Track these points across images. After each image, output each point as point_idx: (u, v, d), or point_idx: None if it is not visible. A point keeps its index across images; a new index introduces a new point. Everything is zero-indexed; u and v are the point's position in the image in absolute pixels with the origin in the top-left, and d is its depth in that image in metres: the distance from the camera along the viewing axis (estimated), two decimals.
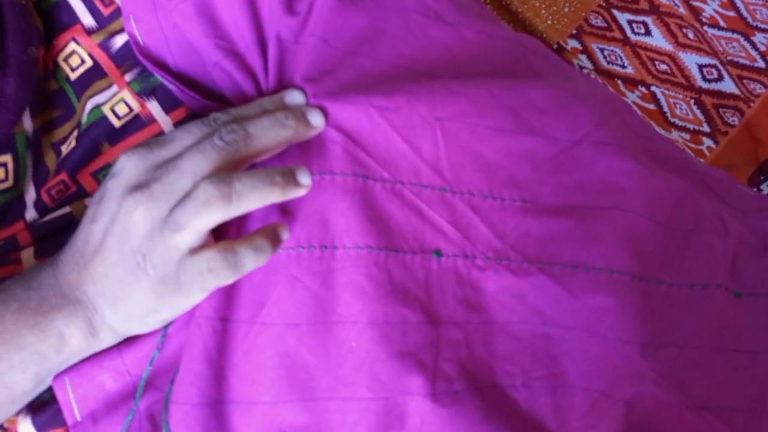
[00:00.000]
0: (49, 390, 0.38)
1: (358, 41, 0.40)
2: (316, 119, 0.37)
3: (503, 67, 0.44)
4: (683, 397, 0.40)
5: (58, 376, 0.37)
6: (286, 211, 0.37)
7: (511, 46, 0.46)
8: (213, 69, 0.40)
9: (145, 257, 0.32)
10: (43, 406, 0.37)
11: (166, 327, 0.37)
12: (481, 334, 0.39)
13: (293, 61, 0.39)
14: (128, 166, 0.33)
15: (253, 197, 0.33)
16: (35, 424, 0.37)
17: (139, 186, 0.32)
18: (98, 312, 0.35)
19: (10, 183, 0.40)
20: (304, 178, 0.35)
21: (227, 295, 0.36)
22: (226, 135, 0.33)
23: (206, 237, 0.33)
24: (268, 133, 0.35)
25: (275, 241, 0.34)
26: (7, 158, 0.40)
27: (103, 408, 0.37)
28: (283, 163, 0.38)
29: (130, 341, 0.37)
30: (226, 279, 0.33)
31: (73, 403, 0.36)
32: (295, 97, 0.37)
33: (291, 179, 0.34)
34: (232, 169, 0.34)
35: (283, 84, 0.39)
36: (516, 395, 0.39)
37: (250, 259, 0.33)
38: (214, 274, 0.33)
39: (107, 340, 0.36)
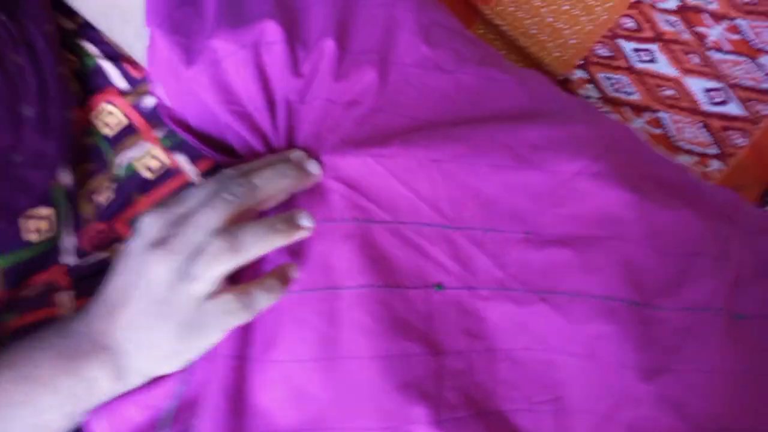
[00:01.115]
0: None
1: (359, 98, 0.43)
2: (313, 168, 0.41)
3: (501, 109, 0.46)
4: (684, 420, 0.41)
5: (93, 411, 0.40)
6: (295, 254, 0.40)
7: (510, 86, 0.48)
8: (226, 130, 0.43)
9: (169, 306, 0.36)
10: None
11: (189, 366, 0.41)
12: (484, 361, 0.41)
13: (299, 119, 0.42)
14: (150, 224, 0.37)
15: (258, 245, 0.37)
16: None
17: (159, 242, 0.37)
18: (127, 357, 0.38)
19: (51, 234, 0.44)
20: (305, 221, 0.39)
21: (243, 336, 0.40)
22: (234, 189, 0.38)
23: (222, 282, 0.37)
24: (272, 183, 0.39)
25: (284, 281, 0.39)
26: (50, 212, 0.44)
27: None
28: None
29: (156, 378, 0.41)
30: (242, 319, 0.37)
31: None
32: (297, 154, 0.41)
33: (292, 224, 0.38)
34: (241, 218, 0.38)
35: (291, 140, 0.43)
36: (519, 420, 0.41)
37: (263, 299, 0.37)
38: (231, 315, 0.37)
39: (134, 381, 0.40)
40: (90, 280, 0.44)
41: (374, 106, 0.43)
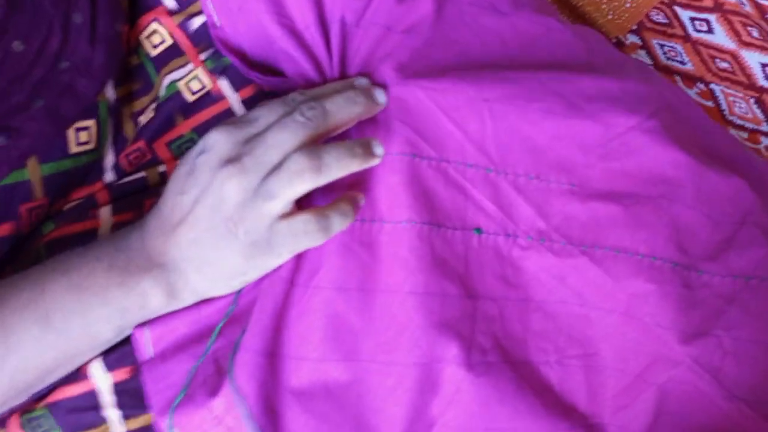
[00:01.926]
0: None
1: (414, 27, 0.42)
2: (381, 97, 0.40)
3: (556, 59, 0.45)
4: (719, 386, 0.40)
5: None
6: (335, 188, 0.40)
7: (566, 37, 0.47)
8: (278, 53, 0.42)
9: (237, 224, 0.36)
10: (112, 346, 0.41)
11: (240, 289, 0.40)
12: (518, 310, 0.41)
13: (353, 43, 0.41)
14: (220, 141, 0.36)
15: (339, 167, 0.36)
16: (105, 363, 0.40)
17: (231, 159, 0.36)
18: (182, 275, 0.38)
19: (92, 145, 0.44)
20: (378, 149, 0.38)
21: (296, 260, 0.40)
22: (307, 112, 0.36)
23: (293, 204, 0.36)
24: (343, 110, 0.38)
25: (356, 207, 0.38)
26: (91, 123, 0.43)
27: (173, 349, 0.40)
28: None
29: (204, 299, 0.41)
30: (318, 241, 0.37)
31: (147, 344, 0.40)
32: (362, 81, 0.40)
33: (368, 150, 0.38)
34: (312, 142, 0.37)
35: (344, 63, 0.42)
36: (549, 371, 0.40)
37: (338, 223, 0.37)
38: (309, 236, 0.36)
39: (187, 300, 0.39)
40: (128, 198, 0.44)
41: (428, 38, 0.42)
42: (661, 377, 0.40)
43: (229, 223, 0.36)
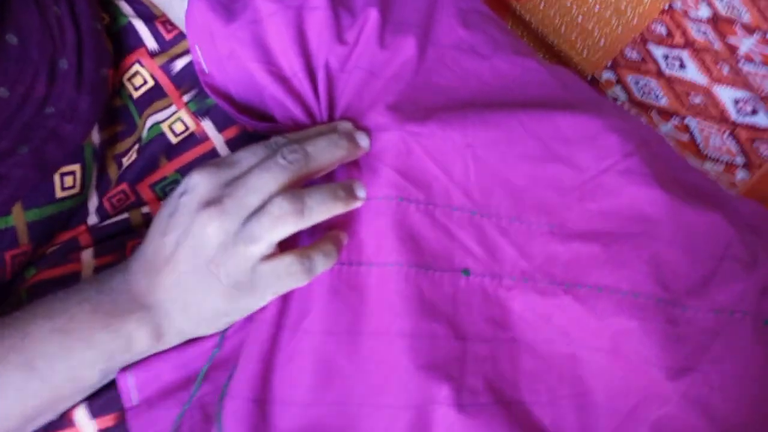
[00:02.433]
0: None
1: (398, 70, 0.42)
2: (364, 141, 0.40)
3: (534, 98, 0.46)
4: (710, 421, 0.40)
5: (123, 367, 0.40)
6: (332, 228, 0.40)
7: (544, 77, 0.48)
8: (266, 97, 0.43)
9: (219, 266, 0.35)
10: (97, 392, 0.40)
11: (225, 329, 0.40)
12: (508, 351, 0.40)
13: (338, 89, 0.42)
14: (201, 183, 0.36)
15: (322, 211, 0.36)
16: (90, 410, 0.39)
17: (211, 201, 0.35)
18: (167, 317, 0.37)
19: (77, 190, 0.43)
20: (361, 192, 0.38)
21: (283, 302, 0.39)
22: (289, 155, 0.36)
23: (275, 246, 0.36)
24: (325, 153, 0.38)
25: (339, 247, 0.38)
26: (76, 167, 0.43)
27: (158, 395, 0.39)
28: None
29: (190, 340, 0.40)
30: (302, 281, 0.37)
31: (132, 390, 0.39)
32: (346, 125, 0.41)
33: (351, 193, 0.38)
34: (294, 185, 0.37)
35: (332, 107, 0.42)
36: (541, 412, 0.40)
37: (321, 263, 0.37)
38: (292, 277, 0.36)
39: (173, 341, 0.39)
40: (111, 240, 0.43)
41: (412, 82, 0.42)
42: (652, 414, 0.40)
43: (210, 265, 0.35)
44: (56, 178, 0.42)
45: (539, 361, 0.41)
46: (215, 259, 0.35)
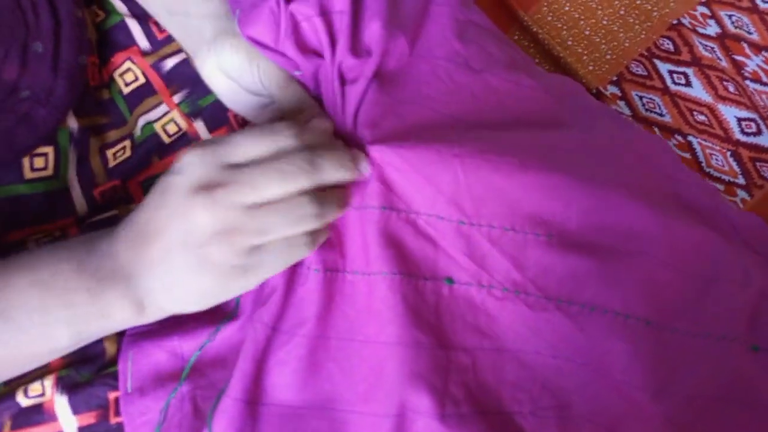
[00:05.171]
0: (87, 372, 0.41)
1: (388, 84, 0.42)
2: (365, 169, 0.39)
3: (527, 114, 0.45)
4: None
5: (125, 349, 0.40)
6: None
7: (538, 94, 0.47)
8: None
9: (209, 253, 0.34)
10: (77, 387, 0.40)
11: (221, 322, 0.40)
12: (491, 360, 0.40)
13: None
14: (194, 163, 0.35)
15: (332, 174, 0.36)
16: (71, 405, 0.39)
17: (205, 186, 0.34)
18: (150, 294, 0.36)
19: (49, 172, 0.43)
20: (365, 167, 0.39)
21: (281, 307, 0.39)
22: (299, 162, 0.35)
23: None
24: (333, 173, 0.37)
25: (342, 203, 0.39)
26: (49, 150, 0.43)
27: (152, 384, 0.39)
28: None
29: (188, 329, 0.40)
30: (307, 249, 0.37)
31: (128, 376, 0.39)
32: (355, 152, 0.40)
33: (356, 164, 0.38)
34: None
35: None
36: (523, 422, 0.39)
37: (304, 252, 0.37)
38: (295, 249, 0.36)
39: (153, 317, 0.38)
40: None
41: (402, 95, 0.42)
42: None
43: (199, 250, 0.34)
44: (25, 159, 0.42)
45: (524, 370, 0.41)
46: (204, 245, 0.34)
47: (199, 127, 0.45)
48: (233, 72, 0.41)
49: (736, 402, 0.42)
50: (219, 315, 0.43)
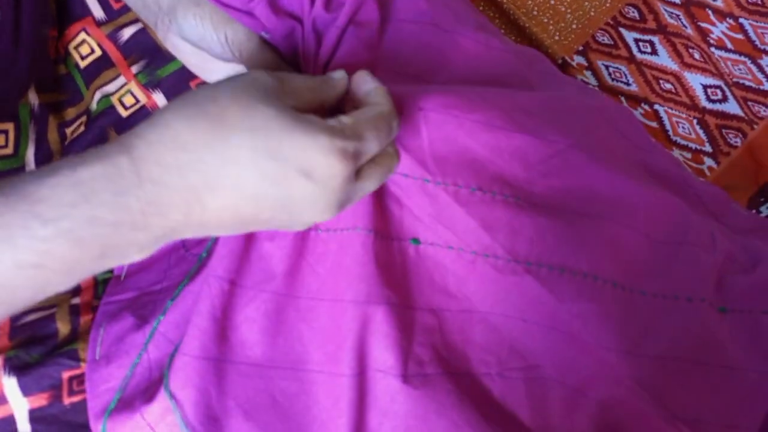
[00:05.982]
0: (37, 353, 0.40)
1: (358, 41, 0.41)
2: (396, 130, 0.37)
3: (496, 76, 0.45)
4: (658, 406, 0.40)
5: (98, 319, 0.40)
6: None
7: (507, 56, 0.47)
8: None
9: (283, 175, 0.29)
10: (27, 367, 0.39)
11: (182, 283, 0.39)
12: (459, 321, 0.40)
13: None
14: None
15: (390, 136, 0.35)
16: (21, 387, 0.38)
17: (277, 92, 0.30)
18: (175, 233, 0.29)
19: (9, 150, 0.42)
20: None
21: (239, 260, 0.38)
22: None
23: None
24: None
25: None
26: (10, 126, 0.41)
27: (118, 351, 0.39)
28: None
29: (152, 291, 0.39)
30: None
31: (99, 342, 0.39)
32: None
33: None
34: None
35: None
36: (490, 384, 0.39)
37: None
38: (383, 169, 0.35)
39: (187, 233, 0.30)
40: None
41: (367, 58, 0.41)
42: (602, 393, 0.39)
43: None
44: None
45: (492, 332, 0.40)
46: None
47: (159, 99, 0.44)
48: (201, 42, 0.41)
49: (705, 362, 0.42)
50: (180, 276, 0.42)
